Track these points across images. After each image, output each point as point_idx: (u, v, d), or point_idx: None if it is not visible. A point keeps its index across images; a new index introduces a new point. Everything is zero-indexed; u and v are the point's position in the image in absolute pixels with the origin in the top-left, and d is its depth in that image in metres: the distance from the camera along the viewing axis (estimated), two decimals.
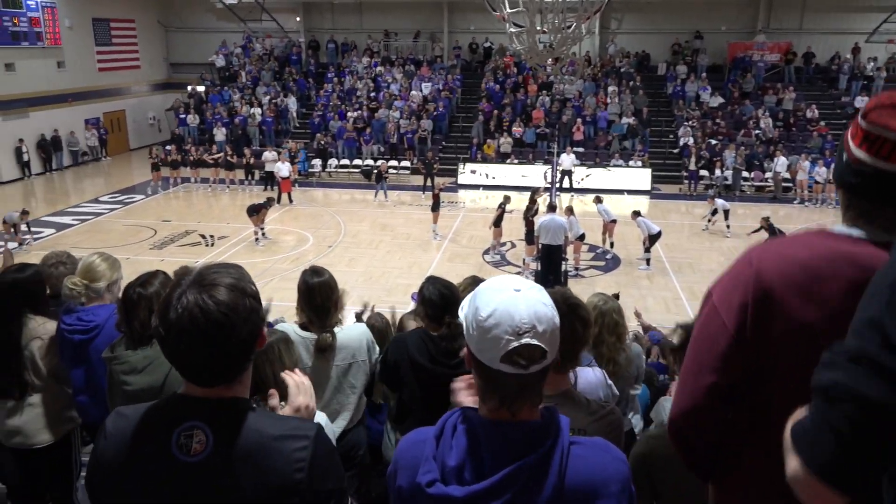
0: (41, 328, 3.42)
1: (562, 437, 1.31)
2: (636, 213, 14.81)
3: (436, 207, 16.44)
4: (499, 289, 1.32)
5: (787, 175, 21.26)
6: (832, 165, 1.57)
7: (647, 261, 14.59)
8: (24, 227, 15.91)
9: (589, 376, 3.03)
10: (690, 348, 1.58)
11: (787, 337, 1.41)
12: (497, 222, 15.19)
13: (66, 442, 3.59)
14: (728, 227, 16.96)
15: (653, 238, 14.47)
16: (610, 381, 3.20)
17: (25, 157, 23.51)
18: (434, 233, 16.48)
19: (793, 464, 1.05)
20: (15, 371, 3.38)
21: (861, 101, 24.31)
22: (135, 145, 29.80)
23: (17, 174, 23.36)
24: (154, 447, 1.37)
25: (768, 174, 21.85)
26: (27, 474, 3.60)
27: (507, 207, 15.18)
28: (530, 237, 13.91)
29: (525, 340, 1.26)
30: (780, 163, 21.25)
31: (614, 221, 15.26)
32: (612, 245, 15.49)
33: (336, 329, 3.38)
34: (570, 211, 14.24)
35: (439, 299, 3.28)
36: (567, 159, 21.71)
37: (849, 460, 0.96)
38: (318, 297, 3.34)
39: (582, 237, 14.22)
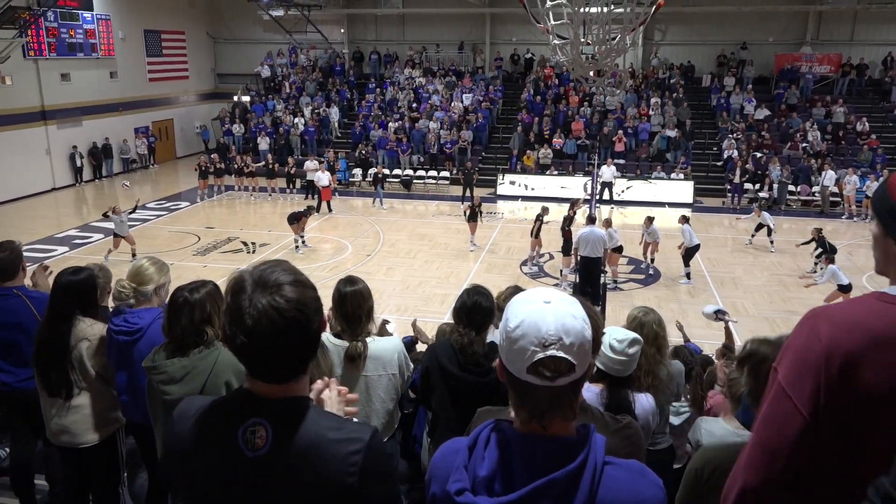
0: (90, 329, 3.52)
1: (594, 455, 1.29)
2: (684, 219, 14.57)
3: (473, 218, 16.34)
4: (529, 300, 1.32)
5: (836, 189, 20.71)
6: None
7: (688, 275, 14.34)
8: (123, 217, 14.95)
9: (643, 402, 3.02)
10: (759, 426, 1.50)
11: (862, 411, 1.34)
12: (535, 233, 15.12)
13: (111, 442, 3.69)
14: (772, 242, 16.54)
15: (691, 250, 14.21)
16: (658, 411, 3.17)
17: (78, 164, 24.28)
18: (472, 243, 16.43)
19: None
20: (63, 371, 3.48)
21: None
22: (181, 153, 30.56)
23: (70, 180, 24.14)
24: (222, 440, 1.43)
25: (815, 188, 21.33)
26: (73, 473, 3.71)
27: (545, 219, 15.09)
28: (567, 249, 13.81)
29: (551, 352, 1.25)
30: (829, 176, 20.71)
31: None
32: (652, 261, 15.25)
33: (368, 339, 3.39)
34: (608, 223, 14.13)
35: (464, 308, 3.30)
36: (608, 171, 21.54)
37: None
38: (349, 305, 3.37)
39: (619, 249, 14.06)
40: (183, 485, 1.49)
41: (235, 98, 29.44)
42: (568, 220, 14.33)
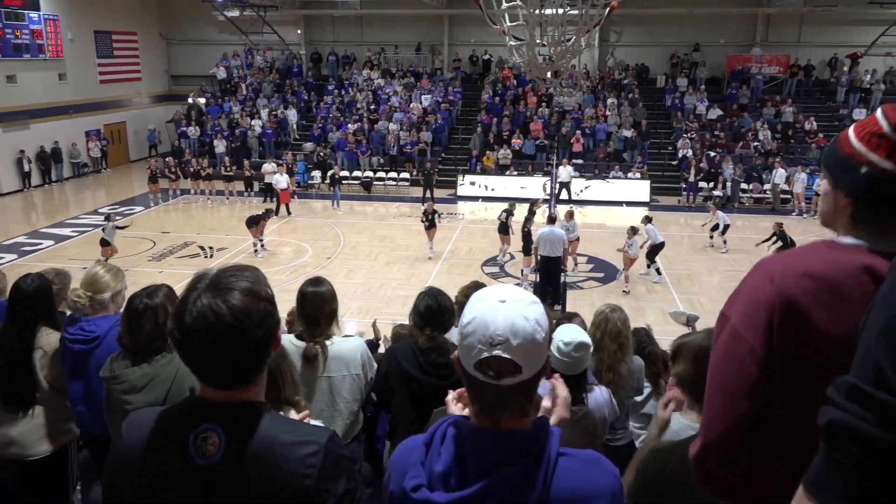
0: (43, 339, 3.42)
1: (549, 448, 1.29)
2: (647, 219, 14.76)
3: (431, 225, 15.89)
4: (485, 297, 1.32)
5: (786, 187, 21.31)
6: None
7: (658, 270, 14.50)
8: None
9: (597, 396, 3.05)
10: (714, 375, 1.51)
11: (815, 354, 1.37)
12: (502, 229, 15.26)
13: (62, 453, 3.58)
14: (725, 242, 16.81)
15: (656, 248, 14.43)
16: (614, 400, 3.21)
17: (26, 169, 23.55)
18: (431, 250, 16.09)
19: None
20: (27, 384, 3.37)
21: (859, 114, 24.41)
22: (135, 157, 29.90)
23: (17, 186, 23.40)
24: (172, 449, 1.40)
25: (767, 186, 21.91)
26: (22, 486, 3.58)
27: (514, 213, 15.29)
28: (527, 248, 13.94)
29: (496, 352, 1.25)
30: (779, 175, 21.30)
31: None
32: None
33: (329, 341, 3.37)
34: (570, 215, 14.67)
35: (425, 310, 3.29)
36: (564, 171, 21.76)
37: (861, 499, 0.93)
38: (308, 306, 3.36)
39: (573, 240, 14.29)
40: (133, 501, 1.44)
41: (190, 100, 28.92)
42: (528, 221, 14.47)
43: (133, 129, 29.92)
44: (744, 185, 21.95)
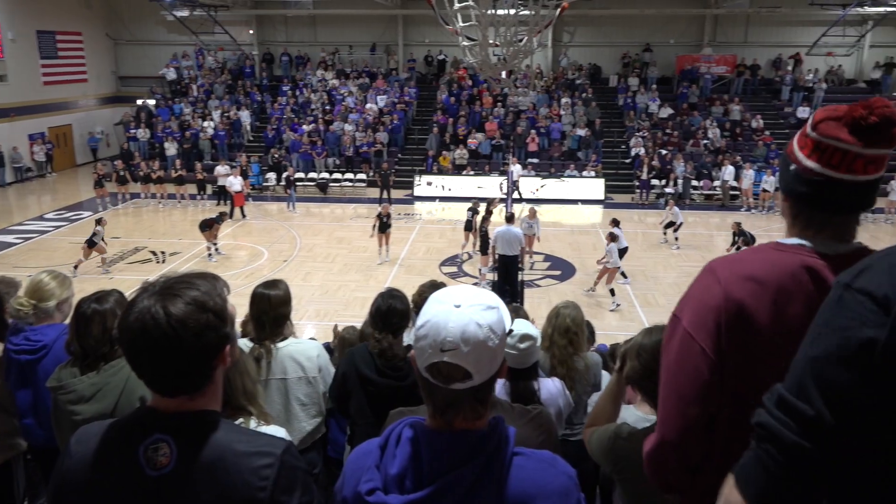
0: None
1: (504, 448, 1.29)
2: (615, 222, 14.49)
3: (383, 229, 15.31)
4: (441, 301, 1.31)
5: (735, 183, 21.87)
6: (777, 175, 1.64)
7: (623, 274, 14.34)
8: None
9: (549, 387, 3.07)
10: (668, 377, 1.55)
11: (761, 354, 1.42)
12: (468, 227, 15.33)
13: (6, 470, 3.45)
14: (677, 239, 17.09)
15: (620, 252, 14.30)
16: (567, 392, 3.23)
17: None
18: (380, 255, 15.47)
19: (731, 493, 1.10)
20: None
21: (803, 112, 25.23)
22: (82, 161, 29.05)
23: None
24: (122, 461, 1.36)
25: (717, 183, 22.45)
26: None
27: (472, 215, 15.36)
28: (485, 248, 14.00)
29: (446, 358, 1.25)
30: (728, 171, 21.86)
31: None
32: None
33: (283, 343, 3.35)
34: (533, 213, 15.00)
35: (375, 312, 3.29)
36: (514, 170, 21.90)
37: (780, 490, 1.03)
38: (255, 308, 3.35)
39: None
40: None
41: (140, 102, 28.23)
42: (485, 220, 14.54)
43: (80, 131, 29.07)
44: (694, 182, 22.46)
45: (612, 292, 13.08)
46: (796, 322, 1.35)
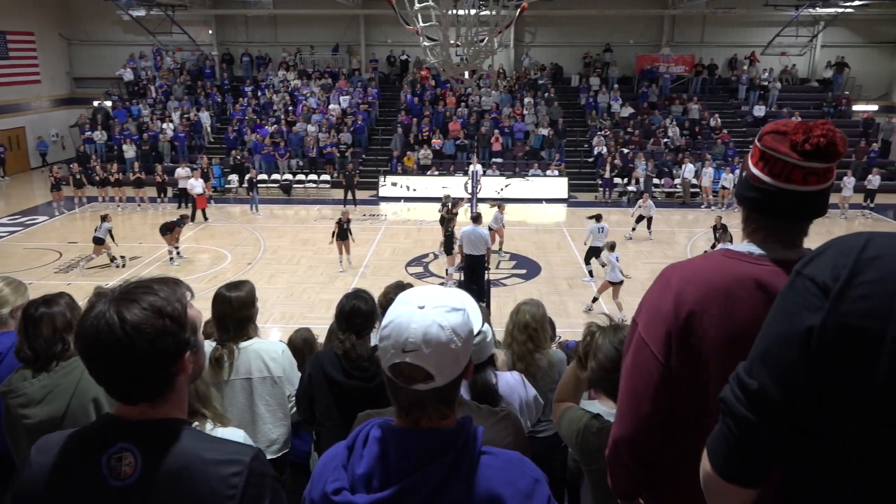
0: None
1: (472, 447, 1.30)
2: (597, 218, 14.54)
3: (343, 236, 14.79)
4: (406, 301, 1.31)
5: (695, 181, 22.27)
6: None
7: (591, 273, 14.41)
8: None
9: (508, 379, 3.07)
10: (625, 377, 1.65)
11: (708, 357, 1.50)
12: (442, 222, 15.41)
13: None
14: (633, 229, 17.53)
15: (594, 250, 14.41)
16: (528, 384, 3.23)
17: None
18: (341, 263, 14.93)
19: (704, 464, 1.19)
20: None
21: (759, 110, 25.84)
22: (36, 164, 28.29)
23: None
24: (84, 472, 1.33)
25: (677, 181, 22.83)
26: None
27: (451, 208, 15.40)
28: (450, 248, 14.03)
29: (408, 359, 1.25)
30: (688, 169, 22.25)
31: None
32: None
33: (247, 342, 3.33)
34: (501, 207, 15.47)
35: (338, 313, 3.28)
36: (475, 171, 21.90)
37: (737, 461, 1.14)
38: (215, 308, 3.33)
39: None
40: None
41: (96, 103, 27.58)
42: (450, 221, 14.56)
43: (34, 134, 28.31)
44: (655, 180, 22.80)
45: (596, 300, 12.77)
46: (743, 327, 1.44)
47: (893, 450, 0.99)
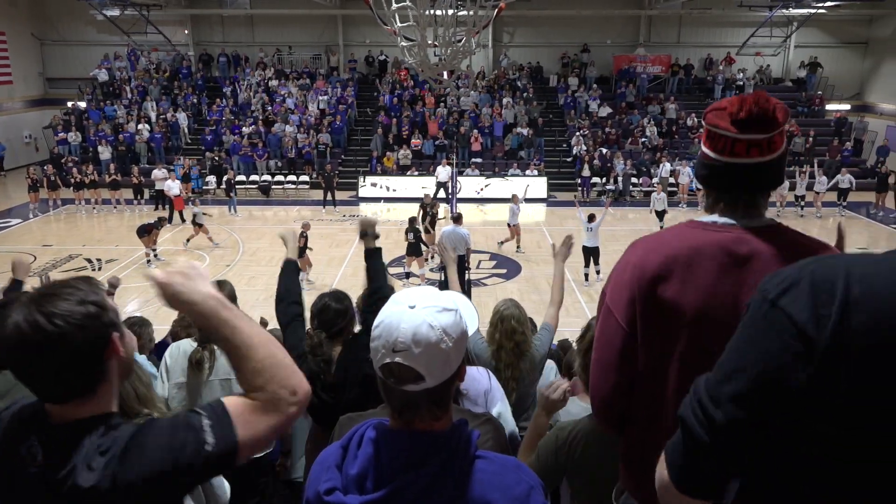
0: None
1: (463, 449, 1.30)
2: (591, 218, 14.72)
3: (301, 253, 14.17)
4: (397, 301, 1.31)
5: (673, 180, 22.48)
6: None
7: (587, 276, 14.47)
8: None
9: (474, 374, 2.91)
10: (595, 346, 1.72)
11: (670, 321, 1.54)
12: (429, 223, 15.35)
13: None
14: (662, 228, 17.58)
15: (589, 251, 14.39)
16: (492, 376, 3.10)
17: None
18: (306, 280, 14.31)
19: (661, 469, 1.18)
20: None
21: None
22: (9, 165, 27.80)
23: None
24: (8, 455, 1.34)
25: (655, 179, 23.01)
26: None
27: (429, 209, 15.35)
28: (417, 249, 14.02)
29: (398, 359, 1.25)
30: (665, 168, 22.45)
31: None
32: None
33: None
34: (515, 199, 15.89)
35: (312, 309, 3.28)
36: (443, 172, 21.94)
37: (692, 473, 1.13)
38: None
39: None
40: None
41: (70, 104, 27.17)
42: (420, 221, 14.56)
43: (6, 135, 27.80)
44: (633, 179, 22.99)
45: None
46: (705, 292, 1.51)
47: (852, 450, 0.97)
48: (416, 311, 1.27)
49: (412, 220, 14.46)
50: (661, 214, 17.92)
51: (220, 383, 3.34)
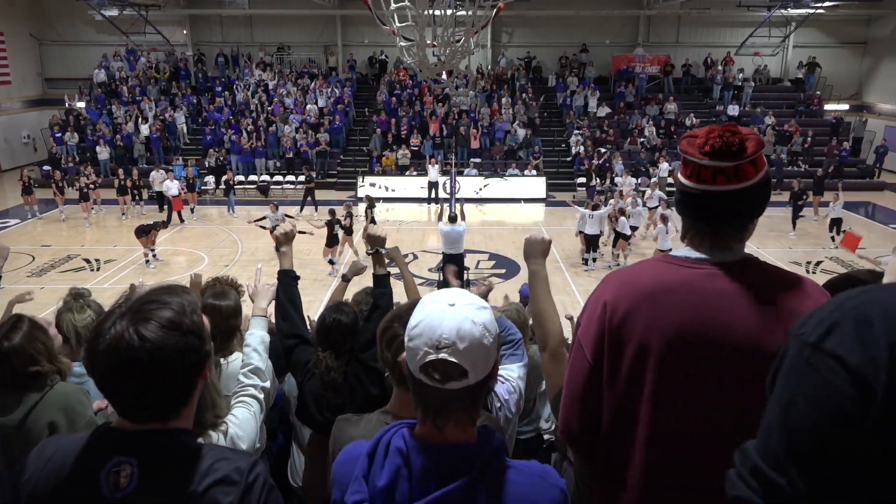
0: None
1: (496, 462, 1.30)
2: (594, 207, 15.45)
3: (349, 232, 15.80)
4: (434, 300, 1.32)
5: (671, 180, 22.48)
6: None
7: (586, 261, 15.36)
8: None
9: None
10: (565, 378, 1.72)
11: (636, 358, 1.54)
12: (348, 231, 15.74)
13: None
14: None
15: (590, 239, 15.35)
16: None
17: None
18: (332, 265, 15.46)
19: None
20: None
21: (733, 109, 26.16)
22: (7, 166, 27.78)
23: None
24: (81, 484, 1.30)
25: (653, 179, 23.02)
26: None
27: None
28: (333, 240, 14.90)
29: (442, 355, 1.25)
30: (663, 168, 22.47)
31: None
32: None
33: (233, 358, 3.14)
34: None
35: (321, 327, 3.14)
36: (433, 171, 21.88)
37: None
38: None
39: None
40: None
41: (68, 104, 27.15)
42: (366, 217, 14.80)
43: (4, 136, 27.80)
44: (632, 179, 22.95)
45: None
46: (674, 330, 1.50)
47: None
48: (456, 309, 1.29)
49: (332, 212, 15.50)
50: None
51: (224, 399, 3.29)
